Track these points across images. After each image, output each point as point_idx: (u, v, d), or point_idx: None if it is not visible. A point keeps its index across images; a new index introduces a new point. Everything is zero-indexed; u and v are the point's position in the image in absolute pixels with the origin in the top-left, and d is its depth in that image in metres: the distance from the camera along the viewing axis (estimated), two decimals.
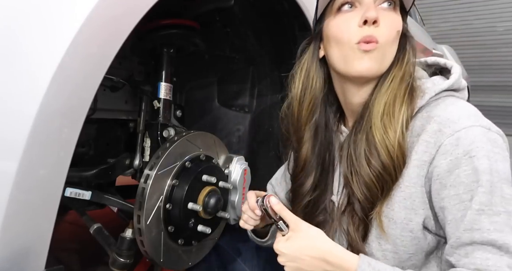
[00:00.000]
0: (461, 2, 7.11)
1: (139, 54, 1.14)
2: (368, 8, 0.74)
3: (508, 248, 0.62)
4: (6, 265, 0.56)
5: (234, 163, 1.10)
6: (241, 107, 1.35)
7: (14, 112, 0.56)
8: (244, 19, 1.19)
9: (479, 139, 0.67)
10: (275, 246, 0.77)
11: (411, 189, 0.74)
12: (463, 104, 0.75)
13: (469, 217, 0.65)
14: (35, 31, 0.58)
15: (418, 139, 0.74)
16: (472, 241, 0.64)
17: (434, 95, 0.76)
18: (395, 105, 0.75)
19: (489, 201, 0.65)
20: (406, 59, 0.78)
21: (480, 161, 0.66)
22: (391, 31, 0.75)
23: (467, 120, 0.69)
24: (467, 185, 0.67)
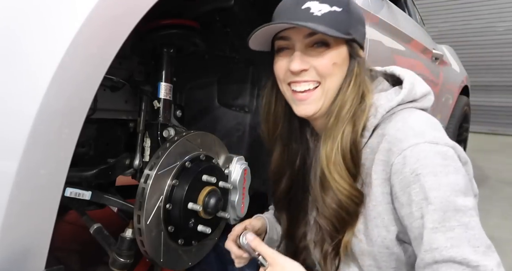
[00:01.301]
0: (461, 2, 7.11)
1: (139, 54, 1.14)
2: (293, 59, 0.80)
3: (468, 262, 0.63)
4: (6, 265, 0.56)
5: (234, 163, 1.10)
6: (241, 107, 1.35)
7: (14, 112, 0.56)
8: (244, 19, 1.19)
9: (424, 156, 0.69)
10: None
11: (378, 208, 0.76)
12: (415, 118, 0.77)
13: (426, 237, 0.67)
14: (35, 31, 0.58)
15: (374, 158, 0.77)
16: (434, 260, 0.65)
17: (386, 113, 0.79)
18: (334, 142, 0.78)
19: (442, 218, 0.66)
20: (353, 83, 0.81)
21: (426, 178, 0.68)
22: (325, 69, 0.80)
23: (413, 138, 0.71)
24: (417, 203, 0.68)
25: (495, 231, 2.37)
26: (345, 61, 0.82)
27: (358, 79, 0.81)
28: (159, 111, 1.04)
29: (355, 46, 0.82)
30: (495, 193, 3.26)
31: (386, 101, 0.80)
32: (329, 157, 0.78)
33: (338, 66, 0.80)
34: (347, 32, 0.79)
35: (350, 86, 0.80)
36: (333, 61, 0.80)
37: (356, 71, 0.81)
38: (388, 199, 0.75)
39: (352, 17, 0.80)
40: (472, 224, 0.65)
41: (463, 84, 3.39)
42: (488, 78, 6.81)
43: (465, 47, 6.78)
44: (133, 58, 1.16)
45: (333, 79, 0.81)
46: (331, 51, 0.80)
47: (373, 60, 1.56)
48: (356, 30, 0.82)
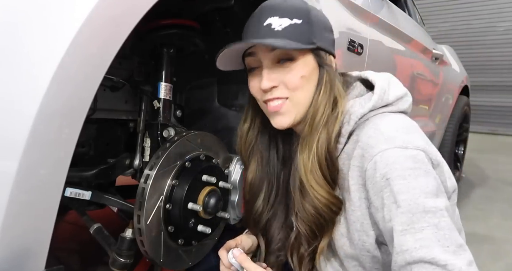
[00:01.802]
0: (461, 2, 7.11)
1: (139, 54, 1.14)
2: (262, 78, 0.83)
3: (437, 262, 0.63)
4: (6, 266, 0.56)
5: (234, 163, 1.10)
6: (241, 107, 1.35)
7: (14, 112, 0.56)
8: (244, 19, 1.19)
9: (393, 161, 0.70)
10: None
11: (357, 213, 0.78)
12: (386, 123, 0.78)
13: (396, 240, 0.68)
14: (35, 31, 0.58)
15: (350, 163, 0.79)
16: (406, 262, 0.66)
17: (358, 119, 0.80)
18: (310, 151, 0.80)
19: (410, 220, 0.67)
20: (323, 90, 0.82)
21: (395, 181, 0.69)
22: (292, 84, 0.81)
23: (383, 144, 0.72)
24: (388, 206, 0.69)
25: (495, 231, 2.37)
26: (313, 71, 0.83)
27: (328, 87, 0.82)
28: (159, 111, 1.04)
29: (322, 54, 0.84)
30: (495, 193, 3.26)
31: (359, 107, 0.81)
32: (306, 165, 0.80)
33: (306, 79, 0.82)
34: (309, 42, 0.80)
35: (320, 94, 0.82)
36: (300, 74, 0.81)
37: (326, 78, 0.83)
38: (366, 204, 0.76)
39: (314, 26, 0.81)
40: (442, 225, 0.66)
41: (463, 84, 3.39)
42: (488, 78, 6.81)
43: (465, 47, 6.78)
44: (133, 58, 1.15)
45: (302, 91, 0.82)
46: (297, 65, 0.82)
47: (373, 60, 1.56)
48: (321, 37, 0.83)
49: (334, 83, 0.83)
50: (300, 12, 0.81)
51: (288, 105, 0.83)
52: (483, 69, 6.87)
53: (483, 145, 5.49)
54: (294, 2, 0.83)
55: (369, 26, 1.59)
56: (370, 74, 0.89)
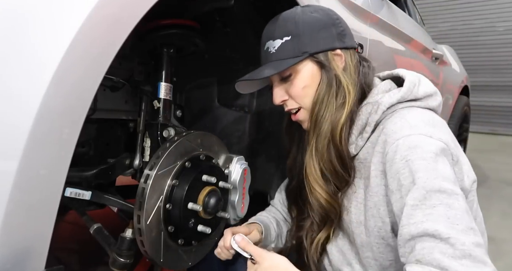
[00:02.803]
0: (461, 2, 7.11)
1: (139, 54, 1.14)
2: (273, 95, 0.93)
3: (440, 234, 0.62)
4: (6, 265, 0.56)
5: (234, 163, 1.10)
6: (241, 107, 1.35)
7: (14, 112, 0.56)
8: (244, 19, 1.19)
9: (415, 145, 0.71)
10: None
11: (374, 198, 0.79)
12: (413, 114, 0.80)
13: (405, 214, 0.68)
14: (35, 31, 0.58)
15: (374, 150, 0.81)
16: (411, 235, 0.66)
17: (386, 109, 0.83)
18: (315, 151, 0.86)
19: (423, 196, 0.67)
20: (319, 90, 0.86)
21: (415, 162, 0.70)
22: (298, 95, 0.89)
23: (408, 130, 0.74)
24: (406, 186, 0.70)
25: (495, 231, 2.37)
26: (315, 76, 0.87)
27: (325, 86, 0.86)
28: (159, 111, 1.04)
29: (320, 57, 0.87)
30: (495, 193, 3.26)
31: (388, 98, 0.83)
32: (308, 162, 0.87)
33: (308, 87, 0.87)
34: (302, 53, 0.85)
35: (317, 94, 0.87)
36: (302, 85, 0.87)
37: (325, 79, 0.86)
38: (385, 191, 0.77)
39: (303, 36, 0.85)
40: (455, 206, 0.65)
41: (463, 84, 3.39)
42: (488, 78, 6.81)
43: (465, 47, 6.78)
44: (133, 58, 1.15)
45: (309, 98, 0.88)
46: (298, 76, 0.87)
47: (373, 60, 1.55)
48: (315, 42, 0.86)
49: (334, 81, 0.86)
50: (288, 27, 0.86)
51: (303, 113, 0.91)
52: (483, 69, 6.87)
53: (483, 145, 5.49)
54: (284, 17, 0.89)
55: (369, 26, 1.59)
56: (401, 70, 0.92)
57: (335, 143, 0.84)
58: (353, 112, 0.85)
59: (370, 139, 0.84)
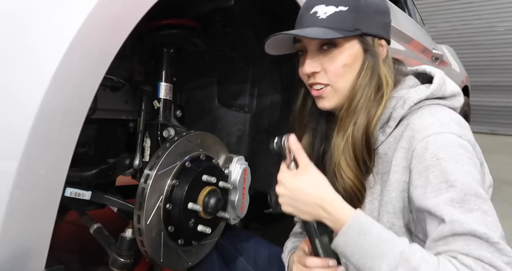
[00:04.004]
0: (461, 2, 7.11)
1: (139, 54, 1.14)
2: (304, 62, 0.85)
3: (488, 238, 0.61)
4: (6, 265, 0.56)
5: (234, 163, 1.10)
6: (241, 107, 1.35)
7: (14, 111, 0.56)
8: (244, 19, 1.19)
9: (447, 144, 0.70)
10: (280, 175, 0.78)
11: (391, 194, 0.77)
12: (442, 112, 0.78)
13: (444, 211, 0.64)
14: (35, 31, 0.58)
15: (397, 145, 0.78)
16: (453, 232, 0.63)
17: (414, 104, 0.80)
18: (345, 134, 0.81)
19: (462, 199, 0.65)
20: (363, 75, 0.82)
21: (448, 163, 0.68)
22: (334, 72, 0.82)
23: (438, 127, 0.72)
24: (435, 185, 0.68)
25: None
26: (358, 57, 0.83)
27: (369, 72, 0.82)
28: (159, 111, 1.04)
29: (368, 39, 0.83)
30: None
31: (415, 93, 0.81)
32: (339, 146, 0.81)
33: (348, 66, 0.82)
34: (354, 29, 0.80)
35: (360, 78, 0.82)
36: (343, 62, 0.82)
37: (368, 64, 0.82)
38: (403, 187, 0.75)
39: (361, 12, 0.81)
40: (490, 212, 0.65)
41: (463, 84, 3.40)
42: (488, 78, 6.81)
43: (465, 47, 6.78)
44: (133, 58, 1.15)
45: (344, 78, 0.83)
46: (340, 52, 0.82)
47: None
48: (369, 23, 0.82)
49: (377, 69, 0.82)
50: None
51: (329, 91, 0.84)
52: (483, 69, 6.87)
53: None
54: None
55: None
56: (427, 67, 0.90)
57: (368, 135, 0.80)
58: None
59: (392, 134, 0.81)
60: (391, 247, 0.64)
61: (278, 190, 0.78)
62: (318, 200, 0.72)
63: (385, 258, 0.63)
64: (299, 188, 0.74)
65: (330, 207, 0.71)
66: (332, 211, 0.71)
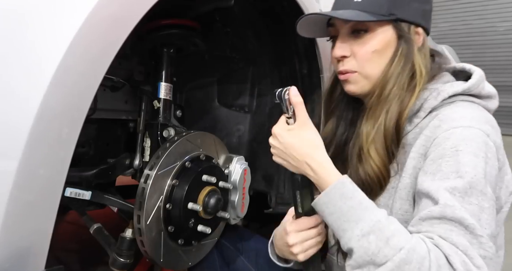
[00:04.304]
0: (461, 2, 7.10)
1: (139, 54, 1.14)
2: (334, 47, 0.84)
3: (473, 229, 0.61)
4: (6, 265, 0.56)
5: (234, 163, 1.10)
6: (241, 107, 1.35)
7: (14, 111, 0.56)
8: (244, 19, 1.19)
9: (471, 138, 0.68)
10: (276, 127, 0.78)
11: (406, 180, 0.76)
12: (474, 109, 0.75)
13: (442, 196, 0.64)
14: (35, 31, 0.58)
15: (420, 134, 0.76)
16: (442, 215, 0.63)
17: (448, 97, 0.77)
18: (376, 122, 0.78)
19: (465, 190, 0.64)
20: (396, 63, 0.79)
21: (466, 155, 0.67)
22: (363, 56, 0.80)
23: (468, 121, 0.71)
24: (445, 173, 0.67)
25: None
26: (390, 44, 0.80)
27: (402, 60, 0.79)
28: (159, 111, 1.04)
29: (403, 26, 0.80)
30: None
31: (450, 87, 0.79)
32: (368, 134, 0.78)
33: (378, 52, 0.80)
34: (389, 14, 0.78)
35: (392, 66, 0.79)
36: (374, 48, 0.80)
37: (402, 51, 0.79)
38: (416, 174, 0.74)
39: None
40: (488, 211, 0.64)
41: None
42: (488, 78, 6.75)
43: (465, 47, 6.78)
44: (133, 58, 1.15)
45: (373, 65, 0.80)
46: (372, 37, 0.80)
47: None
48: (406, 8, 0.80)
49: (411, 57, 0.79)
50: None
51: (357, 77, 0.82)
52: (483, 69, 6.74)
53: None
54: None
55: None
56: (467, 64, 0.88)
57: (399, 125, 0.77)
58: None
59: (419, 125, 0.78)
60: (369, 214, 0.66)
61: (271, 141, 0.78)
62: (308, 159, 0.73)
63: (360, 223, 0.65)
64: (291, 143, 0.75)
65: (319, 167, 0.72)
66: (320, 172, 0.72)
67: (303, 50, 1.22)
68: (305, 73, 1.26)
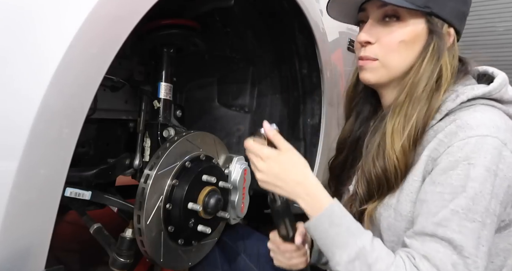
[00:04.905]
0: None
1: (139, 54, 1.14)
2: (361, 31, 0.82)
3: (461, 251, 0.64)
4: (6, 265, 0.56)
5: (234, 163, 1.10)
6: (241, 107, 1.35)
7: (14, 112, 0.56)
8: (244, 19, 1.19)
9: (487, 150, 0.67)
10: (263, 149, 0.78)
11: (416, 183, 0.75)
12: (494, 114, 0.73)
13: (442, 213, 0.67)
14: (35, 31, 0.58)
15: (434, 137, 0.74)
16: (434, 234, 0.66)
17: (467, 100, 0.75)
18: (408, 119, 0.76)
19: (468, 207, 0.66)
20: (427, 59, 0.77)
21: (476, 169, 0.66)
22: (388, 45, 0.78)
23: (486, 129, 0.69)
24: (454, 187, 0.67)
25: None
26: (419, 37, 0.78)
27: (434, 56, 0.77)
28: (159, 111, 1.04)
29: (437, 22, 0.77)
30: None
31: (471, 89, 0.77)
32: (396, 130, 0.76)
33: (405, 44, 0.77)
34: (424, 5, 0.75)
35: (424, 62, 0.77)
36: (401, 38, 0.77)
37: (434, 46, 0.77)
38: (424, 177, 0.74)
39: None
40: (489, 227, 0.66)
41: None
42: None
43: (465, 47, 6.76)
44: (133, 58, 1.15)
45: (397, 56, 0.78)
46: (402, 26, 0.78)
47: None
48: (443, 6, 0.77)
49: (442, 55, 0.77)
50: None
51: (376, 65, 0.80)
52: None
53: None
54: None
55: None
56: (490, 68, 0.86)
57: (425, 126, 0.76)
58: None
59: (433, 127, 0.76)
60: (354, 241, 0.70)
61: (260, 164, 0.78)
62: (302, 183, 0.75)
63: (347, 250, 0.70)
64: (283, 166, 0.76)
65: (311, 191, 0.75)
66: (310, 197, 0.74)
67: (303, 50, 1.23)
68: (305, 73, 1.26)
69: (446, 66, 0.77)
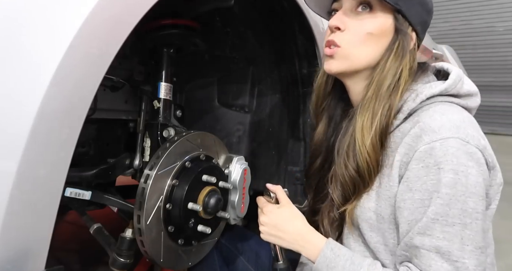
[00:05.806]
0: (461, 2, 7.11)
1: (139, 54, 1.14)
2: (334, 16, 0.83)
3: (449, 256, 0.67)
4: (6, 265, 0.56)
5: (234, 163, 1.10)
6: (241, 107, 1.35)
7: (14, 112, 0.56)
8: (244, 19, 1.19)
9: (452, 152, 0.69)
10: (266, 206, 0.90)
11: (394, 188, 0.77)
12: (452, 112, 0.76)
13: (424, 223, 0.70)
14: (35, 31, 0.58)
15: (402, 141, 0.77)
16: (422, 244, 0.69)
17: (426, 99, 0.78)
18: (374, 115, 0.79)
19: (445, 213, 0.68)
20: (392, 58, 0.80)
21: (446, 174, 0.69)
22: (356, 35, 0.80)
23: (447, 131, 0.71)
24: (430, 193, 0.70)
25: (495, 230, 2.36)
26: (386, 34, 0.80)
27: (399, 54, 0.79)
28: (159, 111, 1.04)
29: (403, 21, 0.80)
30: None
31: (429, 88, 0.79)
32: (366, 126, 0.79)
33: (372, 37, 0.80)
34: (395, 2, 0.78)
35: (390, 59, 0.79)
36: (370, 29, 0.80)
37: (399, 45, 0.80)
38: (400, 181, 0.76)
39: None
40: (472, 226, 0.68)
41: None
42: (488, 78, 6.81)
43: (465, 47, 6.78)
44: (133, 58, 1.15)
45: (362, 47, 0.81)
46: (372, 18, 0.80)
47: None
48: (410, 7, 0.80)
49: (405, 55, 0.80)
50: None
51: (341, 53, 0.82)
52: (483, 69, 6.87)
53: None
54: None
55: None
56: (445, 64, 0.88)
57: (388, 123, 0.79)
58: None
59: (400, 128, 0.79)
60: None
61: (264, 219, 0.89)
62: (298, 234, 0.84)
63: None
64: (283, 220, 0.86)
65: (308, 240, 0.83)
66: (309, 244, 0.83)
67: (303, 50, 1.23)
68: (305, 73, 1.26)
69: (406, 67, 0.80)
